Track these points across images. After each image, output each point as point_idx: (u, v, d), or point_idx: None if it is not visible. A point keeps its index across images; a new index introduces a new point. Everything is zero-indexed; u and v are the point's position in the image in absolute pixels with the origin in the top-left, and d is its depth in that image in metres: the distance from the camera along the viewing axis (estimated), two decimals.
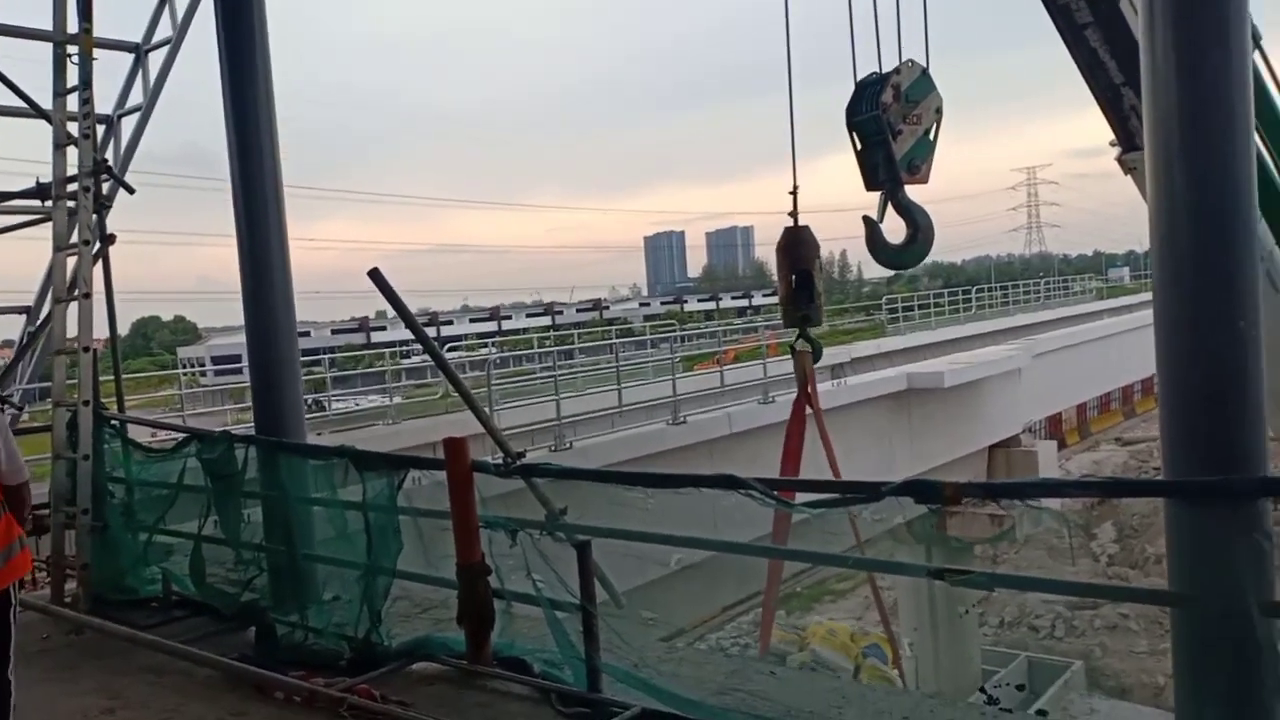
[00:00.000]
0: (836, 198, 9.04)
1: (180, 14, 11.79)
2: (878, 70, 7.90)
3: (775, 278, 8.55)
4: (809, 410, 8.49)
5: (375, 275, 5.16)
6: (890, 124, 7.72)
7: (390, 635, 5.57)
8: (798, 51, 8.49)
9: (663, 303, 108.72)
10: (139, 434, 8.52)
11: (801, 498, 4.32)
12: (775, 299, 9.66)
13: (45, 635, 6.51)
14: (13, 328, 12.58)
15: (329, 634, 5.73)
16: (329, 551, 6.04)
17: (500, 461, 5.32)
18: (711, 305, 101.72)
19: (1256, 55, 8.50)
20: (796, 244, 8.04)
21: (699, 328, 50.51)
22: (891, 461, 19.39)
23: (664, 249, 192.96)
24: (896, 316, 38.92)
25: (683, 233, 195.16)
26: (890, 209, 7.99)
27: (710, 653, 5.64)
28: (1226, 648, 3.33)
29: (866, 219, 8.07)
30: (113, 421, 7.57)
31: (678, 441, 15.36)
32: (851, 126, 7.99)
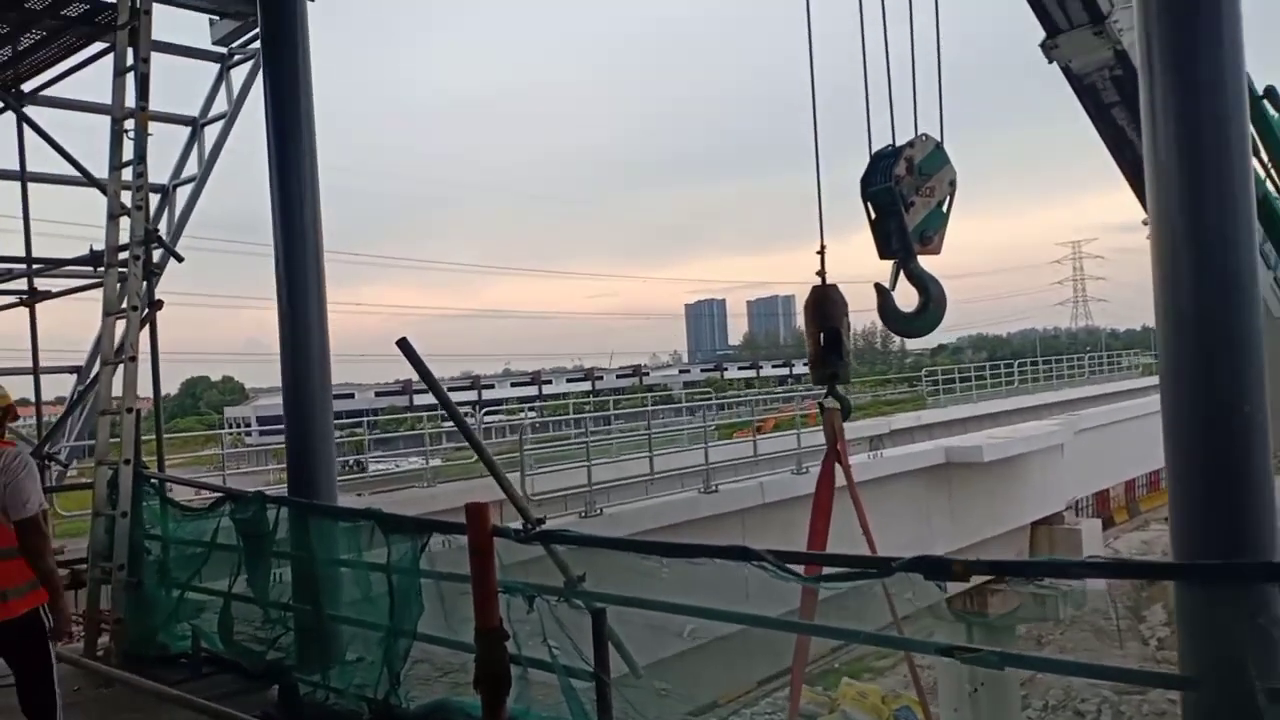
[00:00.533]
0: (873, 269, 9.14)
1: (236, 89, 12.39)
2: (893, 144, 8.06)
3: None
4: (839, 468, 8.47)
5: (404, 344, 5.33)
6: (903, 196, 7.85)
7: (409, 698, 5.62)
8: (838, 123, 8.67)
9: (703, 370, 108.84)
10: (181, 493, 8.74)
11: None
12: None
13: (76, 688, 6.62)
14: (67, 385, 13.06)
15: (350, 694, 5.80)
16: (354, 612, 6.14)
17: (520, 527, 5.41)
18: (752, 373, 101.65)
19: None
20: (824, 302, 8.10)
21: (738, 395, 50.41)
22: (930, 536, 19.13)
23: (705, 316, 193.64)
24: (937, 389, 38.66)
25: (724, 300, 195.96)
26: (903, 277, 8.08)
27: None
28: None
29: (878, 286, 8.16)
30: (152, 480, 7.79)
31: (709, 510, 15.33)
32: (866, 197, 8.13)
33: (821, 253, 8.15)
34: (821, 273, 8.14)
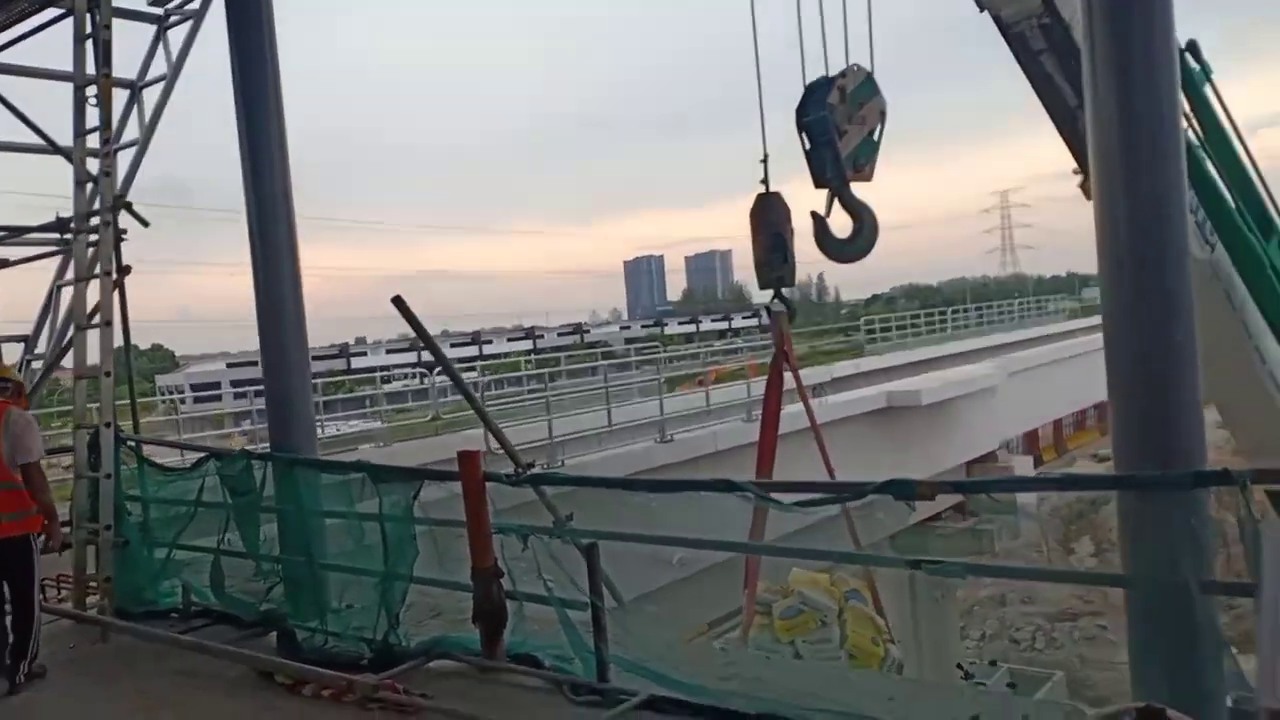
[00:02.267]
0: (809, 222, 9.45)
1: (175, 52, 12.25)
2: (826, 74, 8.32)
3: (753, 285, 8.88)
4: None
5: (398, 302, 5.57)
6: (836, 124, 8.14)
7: (408, 636, 5.94)
8: (783, 72, 8.92)
9: (643, 326, 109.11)
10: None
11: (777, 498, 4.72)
12: (753, 321, 10.03)
13: (72, 644, 6.83)
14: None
15: (349, 637, 6.09)
16: (348, 560, 6.41)
17: (511, 473, 5.72)
18: (692, 328, 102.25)
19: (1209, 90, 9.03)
20: (769, 209, 8.37)
21: (680, 350, 50.96)
22: (874, 477, 19.71)
23: (644, 273, 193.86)
24: (875, 337, 39.57)
25: (662, 257, 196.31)
26: (837, 205, 8.38)
27: (708, 647, 6.05)
28: (1170, 622, 3.78)
29: (814, 214, 8.46)
30: (129, 442, 7.91)
31: (665, 459, 15.75)
32: (801, 127, 8.41)
33: (765, 161, 8.41)
34: (765, 180, 8.41)
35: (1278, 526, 3.33)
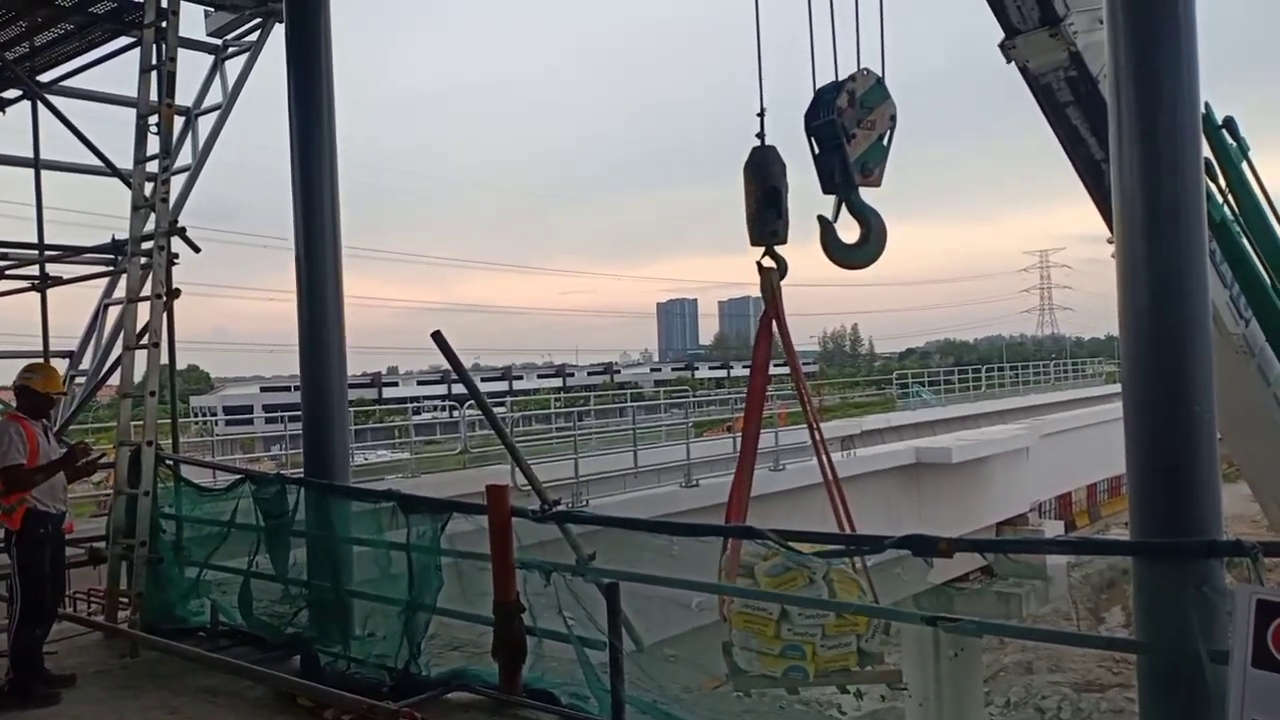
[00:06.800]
0: (845, 273, 9.38)
1: (230, 82, 12.69)
2: (836, 79, 8.36)
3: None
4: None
5: (437, 337, 5.73)
6: (845, 128, 8.15)
7: (428, 666, 6.03)
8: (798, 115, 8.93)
9: (673, 368, 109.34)
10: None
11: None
12: (786, 369, 9.92)
13: (102, 658, 6.99)
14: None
15: (370, 664, 6.19)
16: (372, 588, 6.53)
17: (537, 509, 5.85)
18: (723, 373, 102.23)
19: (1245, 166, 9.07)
20: (764, 162, 8.33)
21: (709, 394, 51.06)
22: (898, 533, 19.60)
23: (676, 315, 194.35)
24: (907, 392, 39.47)
25: (695, 300, 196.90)
26: (846, 212, 8.36)
27: (725, 694, 6.06)
28: (1180, 689, 3.81)
29: (821, 218, 8.40)
30: (168, 461, 8.13)
31: (690, 504, 15.77)
32: (810, 132, 8.44)
33: (761, 115, 8.40)
34: (761, 134, 8.41)
35: (1248, 589, 3.36)
